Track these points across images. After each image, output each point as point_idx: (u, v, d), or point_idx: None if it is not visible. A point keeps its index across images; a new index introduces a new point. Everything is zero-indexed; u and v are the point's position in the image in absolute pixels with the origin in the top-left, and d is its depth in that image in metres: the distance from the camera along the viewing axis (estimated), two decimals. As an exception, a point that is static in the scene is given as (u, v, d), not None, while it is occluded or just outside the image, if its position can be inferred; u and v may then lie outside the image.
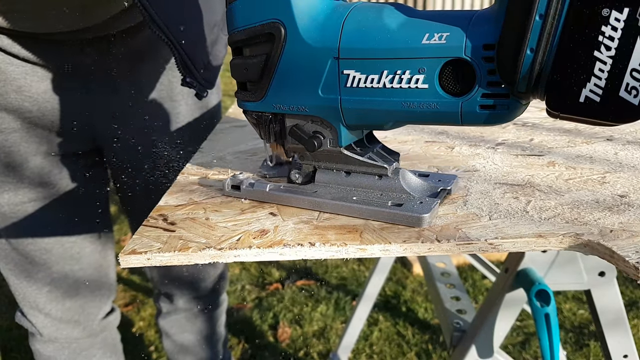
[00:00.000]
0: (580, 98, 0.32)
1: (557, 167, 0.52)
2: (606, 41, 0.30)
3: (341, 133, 0.42)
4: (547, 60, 0.32)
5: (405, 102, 0.38)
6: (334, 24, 0.38)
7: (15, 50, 0.65)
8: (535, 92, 0.34)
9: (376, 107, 0.39)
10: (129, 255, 0.37)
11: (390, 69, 0.37)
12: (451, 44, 0.35)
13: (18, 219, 0.80)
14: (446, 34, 0.35)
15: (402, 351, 1.56)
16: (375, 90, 0.38)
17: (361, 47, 0.37)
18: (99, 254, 0.92)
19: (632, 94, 0.31)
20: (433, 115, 0.38)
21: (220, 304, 1.12)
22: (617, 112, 0.32)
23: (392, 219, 0.40)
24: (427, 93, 0.37)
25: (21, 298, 0.89)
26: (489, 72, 0.35)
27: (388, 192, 0.43)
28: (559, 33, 0.31)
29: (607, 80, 0.31)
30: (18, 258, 0.84)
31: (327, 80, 0.39)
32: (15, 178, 0.76)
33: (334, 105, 0.40)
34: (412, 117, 0.39)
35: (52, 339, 0.93)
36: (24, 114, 0.71)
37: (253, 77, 0.43)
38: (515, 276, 0.69)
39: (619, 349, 0.74)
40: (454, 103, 0.36)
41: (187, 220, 0.43)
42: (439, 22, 0.36)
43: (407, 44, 0.36)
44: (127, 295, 1.90)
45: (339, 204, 0.42)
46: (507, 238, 0.37)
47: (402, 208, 0.40)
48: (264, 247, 0.37)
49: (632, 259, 0.33)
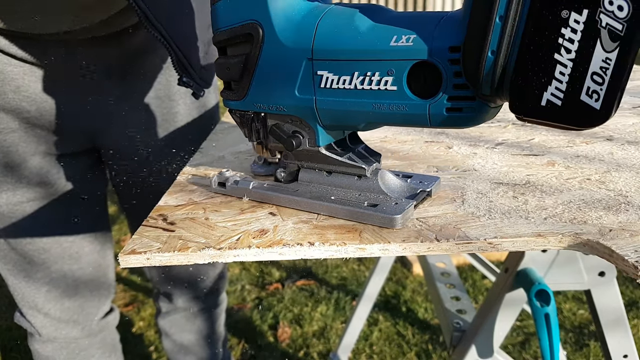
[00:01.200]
0: (542, 102, 0.31)
1: (556, 167, 0.52)
2: (566, 44, 0.30)
3: (319, 133, 0.42)
4: (509, 62, 0.32)
5: (375, 103, 0.38)
6: (308, 25, 0.39)
7: (13, 50, 0.65)
8: (499, 94, 0.33)
9: (349, 108, 0.39)
10: (129, 255, 0.37)
11: (360, 70, 0.37)
12: (417, 47, 0.35)
13: (16, 219, 0.80)
14: (413, 36, 0.35)
15: (402, 351, 1.56)
16: (347, 91, 0.38)
17: (333, 48, 0.38)
18: (97, 253, 0.92)
19: (594, 97, 0.30)
20: (402, 117, 0.37)
21: (219, 304, 1.12)
22: (579, 116, 0.31)
23: (365, 219, 0.40)
24: (395, 95, 0.37)
25: (20, 298, 0.89)
26: (455, 74, 0.34)
27: (366, 193, 0.43)
28: (520, 35, 0.31)
29: (568, 84, 0.30)
30: (16, 258, 0.84)
31: (303, 81, 0.40)
32: (13, 178, 0.76)
33: (310, 105, 0.41)
34: (382, 118, 0.39)
35: (51, 338, 0.93)
36: (22, 114, 0.71)
37: (235, 76, 0.44)
38: (515, 276, 0.69)
39: (619, 349, 0.74)
40: (421, 105, 0.36)
41: (187, 220, 0.43)
42: (409, 24, 0.36)
43: (376, 46, 0.36)
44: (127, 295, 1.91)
45: (316, 203, 0.43)
46: (507, 237, 0.37)
47: (376, 209, 0.40)
48: (263, 246, 0.37)
49: (631, 258, 0.33)
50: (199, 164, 0.59)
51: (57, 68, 0.70)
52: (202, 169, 0.57)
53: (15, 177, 0.76)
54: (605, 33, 0.28)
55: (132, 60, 0.76)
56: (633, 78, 0.97)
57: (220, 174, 0.49)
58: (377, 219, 0.40)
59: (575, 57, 0.30)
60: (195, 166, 0.58)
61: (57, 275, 0.87)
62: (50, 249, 0.84)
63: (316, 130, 0.42)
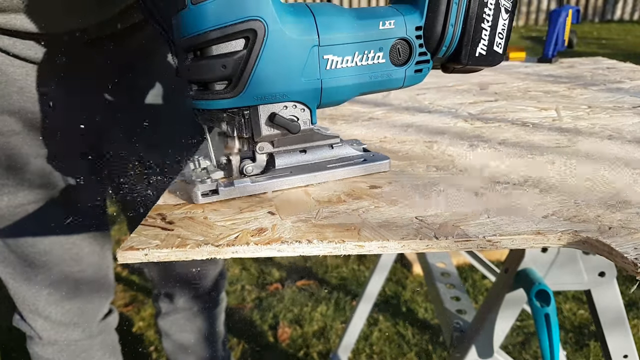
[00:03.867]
0: (476, 54, 0.50)
1: (555, 166, 0.52)
2: (486, 16, 0.49)
3: (314, 113, 0.49)
4: (458, 32, 0.49)
5: (371, 74, 0.48)
6: (307, 19, 0.45)
7: (16, 50, 0.65)
8: (447, 53, 0.50)
9: (351, 82, 0.48)
10: (127, 252, 0.37)
11: (360, 50, 0.47)
12: (398, 28, 0.48)
13: (17, 221, 0.79)
14: (393, 20, 0.47)
15: (402, 351, 1.56)
16: (349, 69, 0.47)
17: (338, 35, 0.46)
18: (97, 255, 0.92)
19: (499, 47, 0.51)
20: (388, 83, 0.50)
21: (219, 303, 1.12)
22: (493, 59, 0.51)
23: (366, 171, 0.51)
24: (384, 66, 0.49)
25: (20, 302, 0.88)
26: (419, 45, 0.49)
27: (342, 157, 0.52)
28: (463, 14, 0.48)
29: (489, 41, 0.50)
30: (17, 261, 0.83)
31: (309, 67, 0.46)
32: (15, 180, 0.76)
33: (316, 87, 0.47)
34: (374, 86, 0.49)
35: (52, 341, 0.92)
36: (27, 115, 0.71)
37: (233, 73, 0.43)
38: (515, 276, 0.69)
39: (619, 349, 0.73)
40: (400, 71, 0.50)
41: (186, 219, 0.43)
42: (383, 12, 0.48)
43: (371, 30, 0.47)
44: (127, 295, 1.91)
45: (321, 174, 0.49)
46: (506, 235, 0.37)
47: (367, 162, 0.51)
48: (261, 244, 0.37)
49: (630, 256, 0.33)
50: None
51: (60, 68, 0.70)
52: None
53: (17, 180, 0.76)
54: (503, 9, 0.50)
55: (136, 60, 0.76)
56: (633, 78, 0.97)
57: (204, 183, 0.46)
58: (376, 167, 0.51)
59: (491, 24, 0.50)
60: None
61: (58, 277, 0.87)
62: (52, 251, 0.84)
63: (313, 110, 0.48)
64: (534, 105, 0.79)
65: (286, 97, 0.46)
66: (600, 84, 0.93)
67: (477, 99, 0.85)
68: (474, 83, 0.99)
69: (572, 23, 1.19)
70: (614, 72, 1.04)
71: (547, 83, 0.97)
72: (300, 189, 0.49)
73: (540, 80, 0.99)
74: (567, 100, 0.82)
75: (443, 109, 0.79)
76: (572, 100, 0.82)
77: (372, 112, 0.79)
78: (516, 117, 0.73)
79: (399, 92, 0.93)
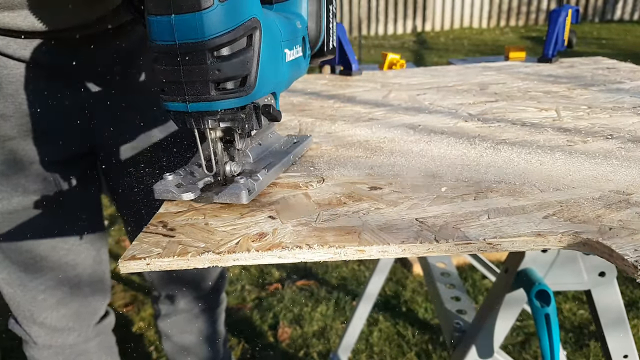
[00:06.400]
0: (330, 46, 0.63)
1: (555, 165, 0.52)
2: (331, 15, 0.62)
3: (277, 102, 0.54)
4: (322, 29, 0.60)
5: (299, 65, 0.56)
6: (274, 18, 0.50)
7: (10, 50, 0.65)
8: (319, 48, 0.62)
9: (294, 72, 0.55)
10: (129, 261, 0.37)
11: (297, 44, 0.55)
12: (302, 27, 0.57)
13: (12, 227, 0.78)
14: (298, 21, 0.56)
15: (402, 351, 1.56)
16: (291, 61, 0.54)
17: (290, 32, 0.53)
18: (93, 259, 0.91)
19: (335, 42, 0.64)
20: (304, 72, 0.59)
21: (220, 303, 1.12)
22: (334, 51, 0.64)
23: (308, 146, 0.61)
24: (302, 59, 0.57)
25: (15, 307, 0.87)
26: (309, 41, 0.59)
27: (282, 142, 0.59)
28: (324, 15, 0.60)
29: (327, 36, 0.62)
30: (12, 266, 0.82)
31: (281, 60, 0.51)
32: (9, 186, 0.75)
33: (284, 78, 0.52)
34: (296, 75, 0.57)
35: (47, 346, 0.92)
36: (21, 119, 0.71)
37: (252, 69, 0.43)
38: (515, 276, 0.69)
39: (619, 349, 0.74)
40: (307, 62, 0.59)
41: (187, 226, 0.43)
42: (291, 14, 0.56)
43: (300, 28, 0.56)
44: (127, 295, 1.91)
45: (288, 158, 0.54)
46: (506, 237, 0.37)
47: (301, 142, 0.59)
48: (262, 250, 0.37)
49: (630, 257, 0.33)
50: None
51: (55, 68, 0.69)
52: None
53: (12, 185, 0.75)
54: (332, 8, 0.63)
55: (131, 59, 0.75)
56: (633, 78, 0.97)
57: (195, 187, 0.46)
58: (308, 144, 0.61)
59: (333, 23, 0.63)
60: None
61: (54, 283, 0.86)
62: (47, 257, 0.83)
63: (277, 100, 0.54)
64: (534, 106, 0.79)
65: (271, 88, 0.50)
66: (600, 84, 0.93)
67: (477, 99, 0.85)
68: (474, 83, 0.99)
69: (572, 23, 1.19)
70: (614, 72, 1.04)
71: (547, 83, 0.97)
72: (300, 191, 0.49)
73: (540, 81, 0.99)
74: (567, 100, 0.82)
75: (443, 109, 0.79)
76: (572, 101, 0.82)
77: (372, 113, 0.79)
78: (516, 117, 0.73)
79: (399, 92, 0.93)
